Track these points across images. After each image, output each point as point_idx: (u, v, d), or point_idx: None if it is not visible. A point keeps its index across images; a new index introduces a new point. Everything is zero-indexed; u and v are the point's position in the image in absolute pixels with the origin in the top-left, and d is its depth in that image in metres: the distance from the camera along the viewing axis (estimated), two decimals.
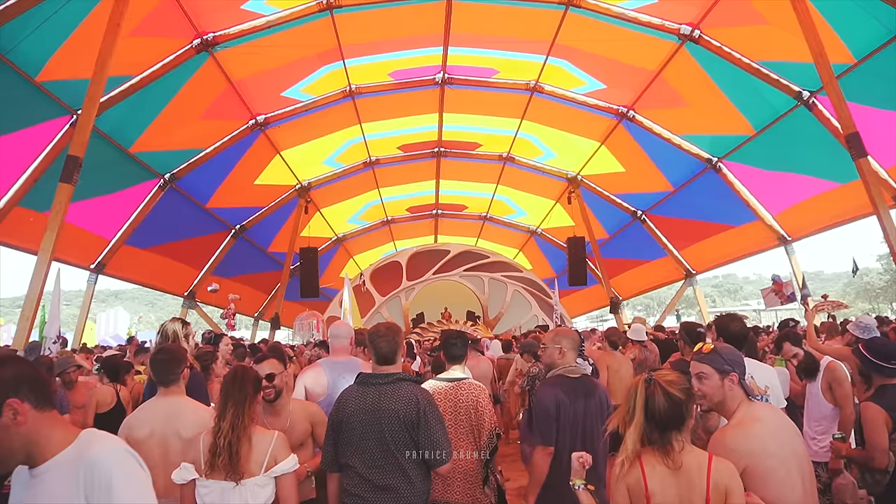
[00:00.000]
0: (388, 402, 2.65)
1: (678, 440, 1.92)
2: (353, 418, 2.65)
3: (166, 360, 2.94)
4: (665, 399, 1.92)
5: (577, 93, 12.38)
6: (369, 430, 2.62)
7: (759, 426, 2.14)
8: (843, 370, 3.85)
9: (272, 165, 13.67)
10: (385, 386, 2.70)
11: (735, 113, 10.91)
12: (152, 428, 2.75)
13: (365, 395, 2.69)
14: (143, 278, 13.98)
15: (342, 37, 10.26)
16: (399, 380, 2.73)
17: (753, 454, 2.06)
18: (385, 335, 2.81)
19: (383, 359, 2.79)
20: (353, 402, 2.69)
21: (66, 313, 40.21)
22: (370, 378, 2.75)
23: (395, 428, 2.61)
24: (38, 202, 8.55)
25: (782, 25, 8.33)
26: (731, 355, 2.29)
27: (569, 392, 3.11)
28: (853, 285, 44.46)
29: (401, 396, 2.67)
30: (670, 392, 1.93)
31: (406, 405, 2.64)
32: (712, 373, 2.23)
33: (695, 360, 2.32)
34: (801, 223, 12.08)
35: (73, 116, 8.80)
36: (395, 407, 2.63)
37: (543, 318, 16.20)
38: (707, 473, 1.87)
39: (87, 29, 7.68)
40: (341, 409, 2.71)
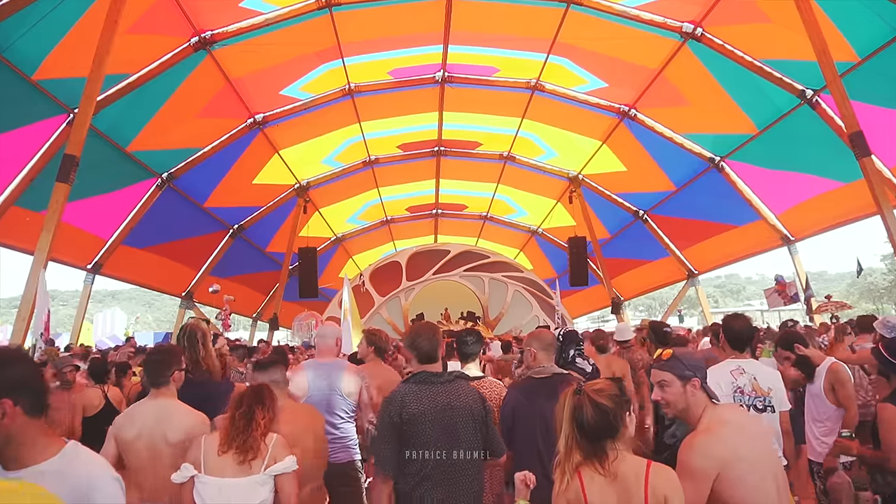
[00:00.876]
0: (458, 400, 2.67)
1: (612, 449, 1.90)
2: (423, 417, 2.61)
3: (157, 361, 2.94)
4: (593, 409, 1.90)
5: (578, 91, 12.38)
6: (440, 428, 2.61)
7: (727, 430, 2.13)
8: (846, 371, 3.85)
9: (270, 164, 13.67)
10: (450, 384, 2.72)
11: (738, 112, 10.90)
12: (140, 430, 2.75)
13: (432, 394, 2.68)
14: (140, 278, 13.98)
15: (341, 35, 10.26)
16: (458, 377, 2.78)
17: (724, 460, 2.05)
18: (426, 334, 2.83)
19: (427, 357, 2.79)
20: (419, 400, 2.65)
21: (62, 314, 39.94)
22: (432, 377, 2.72)
23: (468, 424, 2.64)
24: (34, 202, 8.55)
25: (785, 23, 8.32)
26: (691, 360, 2.29)
27: (529, 393, 3.11)
28: (857, 286, 44.41)
29: (469, 393, 2.72)
30: (598, 402, 1.91)
31: (475, 401, 2.70)
32: (673, 379, 2.22)
33: (655, 368, 2.32)
34: (804, 223, 12.08)
35: (69, 115, 8.80)
36: (467, 404, 2.67)
37: (544, 319, 16.19)
38: (645, 481, 1.85)
39: (83, 27, 7.68)
40: (404, 408, 2.64)
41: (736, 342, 3.36)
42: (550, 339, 3.32)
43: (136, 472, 2.73)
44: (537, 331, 3.58)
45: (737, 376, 3.22)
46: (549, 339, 3.30)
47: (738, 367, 3.25)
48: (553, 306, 14.66)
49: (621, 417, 1.93)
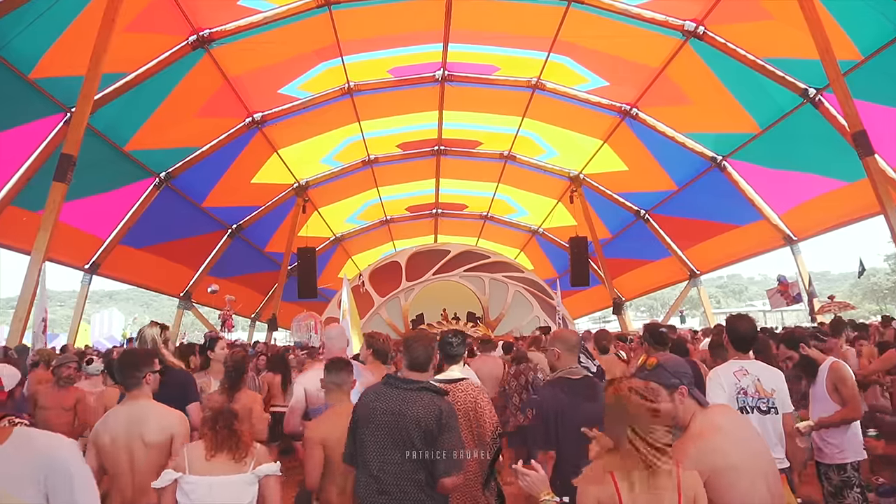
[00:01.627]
0: (411, 408, 2.65)
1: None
2: (376, 417, 2.66)
3: (128, 363, 2.94)
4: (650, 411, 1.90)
5: (579, 90, 12.38)
6: (389, 431, 2.63)
7: (719, 436, 2.12)
8: (847, 369, 3.85)
9: (269, 164, 13.67)
10: (409, 392, 2.70)
11: (740, 111, 10.90)
12: (115, 434, 2.74)
13: (389, 397, 2.70)
14: (138, 279, 13.99)
15: (340, 33, 10.26)
16: (423, 388, 2.74)
17: (715, 466, 2.05)
18: (422, 341, 2.83)
19: (417, 365, 2.79)
20: (377, 400, 2.70)
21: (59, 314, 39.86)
22: (397, 381, 2.75)
23: (413, 434, 2.62)
24: (31, 201, 8.56)
25: (788, 21, 8.32)
26: (676, 367, 2.27)
27: (569, 394, 3.12)
28: (860, 286, 44.37)
29: (424, 404, 2.67)
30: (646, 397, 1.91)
31: (427, 414, 2.65)
32: (659, 389, 2.19)
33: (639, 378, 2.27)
34: (807, 223, 12.08)
35: (66, 114, 8.80)
36: (417, 414, 2.64)
37: (545, 320, 16.18)
38: (678, 481, 1.86)
39: (81, 25, 7.68)
40: (364, 405, 2.72)
41: (740, 343, 3.36)
42: (574, 339, 3.33)
43: (116, 477, 2.74)
44: (560, 331, 3.59)
45: (740, 377, 3.22)
46: (574, 341, 3.31)
47: (741, 368, 3.25)
48: (554, 307, 14.65)
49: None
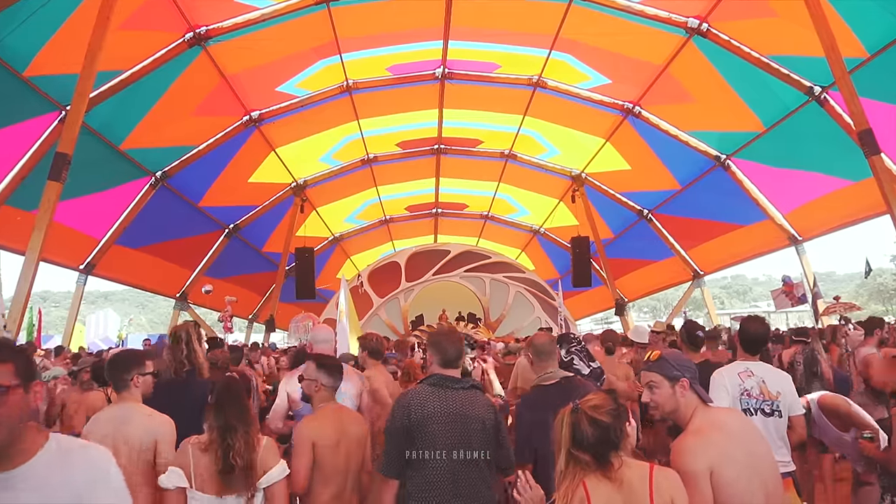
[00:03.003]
0: (472, 408, 2.64)
1: (616, 457, 1.92)
2: (432, 420, 2.59)
3: (117, 366, 2.94)
4: (592, 427, 1.91)
5: (581, 88, 12.37)
6: (454, 434, 2.58)
7: (718, 434, 2.13)
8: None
9: (267, 163, 13.67)
10: (465, 391, 2.68)
11: (744, 109, 10.90)
12: (102, 436, 2.75)
13: (446, 398, 2.64)
14: (133, 279, 13.99)
15: (339, 30, 10.25)
16: (473, 386, 2.74)
17: (712, 464, 2.05)
18: (451, 338, 2.80)
19: (449, 362, 2.76)
20: (430, 403, 2.62)
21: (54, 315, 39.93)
22: (447, 381, 2.69)
23: (480, 434, 2.62)
24: (25, 201, 8.55)
25: (793, 19, 8.32)
26: (680, 360, 2.30)
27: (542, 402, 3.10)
28: (866, 286, 44.39)
29: (482, 403, 2.68)
30: (596, 418, 1.92)
31: (488, 412, 2.66)
32: (662, 381, 2.23)
33: (643, 370, 2.33)
34: (812, 222, 12.08)
35: (61, 112, 8.80)
36: (480, 413, 2.64)
37: (546, 321, 16.18)
38: (650, 484, 1.88)
39: (75, 22, 7.68)
40: (417, 409, 2.62)
41: (750, 345, 3.35)
42: (544, 341, 3.31)
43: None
44: (533, 336, 3.58)
45: (744, 378, 3.22)
46: (544, 342, 3.29)
47: (746, 370, 3.25)
48: (555, 308, 14.64)
49: (621, 430, 1.94)
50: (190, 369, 3.62)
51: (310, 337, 4.13)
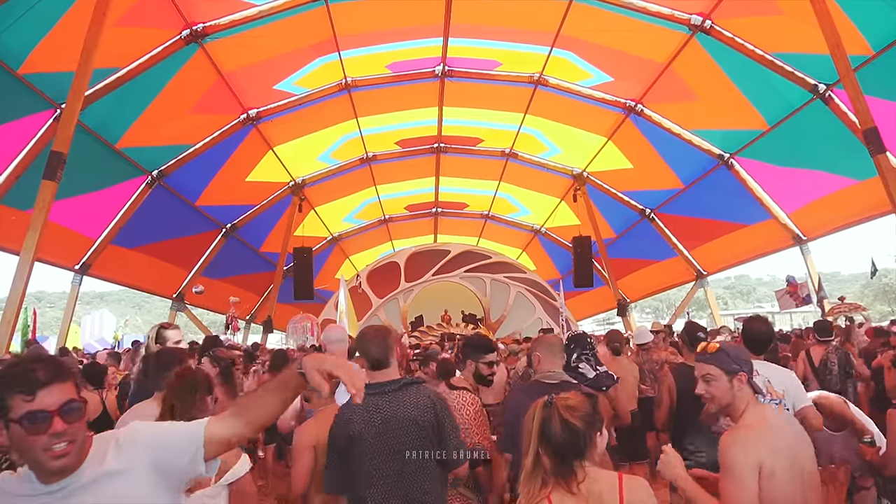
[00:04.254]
0: (402, 410, 2.54)
1: (580, 468, 1.83)
2: (365, 434, 2.51)
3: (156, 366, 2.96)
4: (562, 427, 1.83)
5: (582, 86, 12.37)
6: (385, 444, 2.50)
7: (770, 431, 2.13)
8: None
9: (264, 161, 13.67)
10: (393, 393, 2.59)
11: (748, 107, 10.90)
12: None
13: (374, 407, 2.55)
14: (129, 279, 13.98)
15: (337, 27, 10.25)
16: (405, 385, 2.63)
17: (763, 459, 2.05)
18: (374, 337, 2.71)
19: (375, 363, 2.66)
20: (361, 415, 2.54)
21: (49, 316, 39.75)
22: (372, 387, 2.59)
23: (414, 437, 2.51)
24: (20, 200, 8.55)
25: (797, 16, 8.32)
26: (739, 353, 2.29)
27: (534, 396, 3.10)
28: (871, 287, 44.40)
29: (414, 402, 2.56)
30: (567, 420, 1.84)
31: (423, 411, 2.55)
32: (720, 374, 2.21)
33: (700, 362, 2.30)
34: (816, 222, 12.08)
35: (56, 111, 8.79)
36: (411, 414, 2.53)
37: (548, 322, 16.19)
38: (620, 496, 1.81)
39: (71, 19, 7.68)
40: (347, 425, 2.55)
41: (755, 345, 3.37)
42: (556, 342, 3.32)
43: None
44: (543, 335, 3.59)
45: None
46: (555, 343, 3.30)
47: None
48: (557, 308, 14.65)
49: (591, 438, 1.87)
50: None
51: (323, 337, 4.10)
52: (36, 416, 1.43)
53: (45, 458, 1.44)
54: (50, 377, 1.46)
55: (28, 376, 1.45)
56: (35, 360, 1.50)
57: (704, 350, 2.31)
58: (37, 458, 1.45)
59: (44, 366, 1.48)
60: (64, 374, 1.50)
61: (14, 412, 1.43)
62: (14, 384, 1.44)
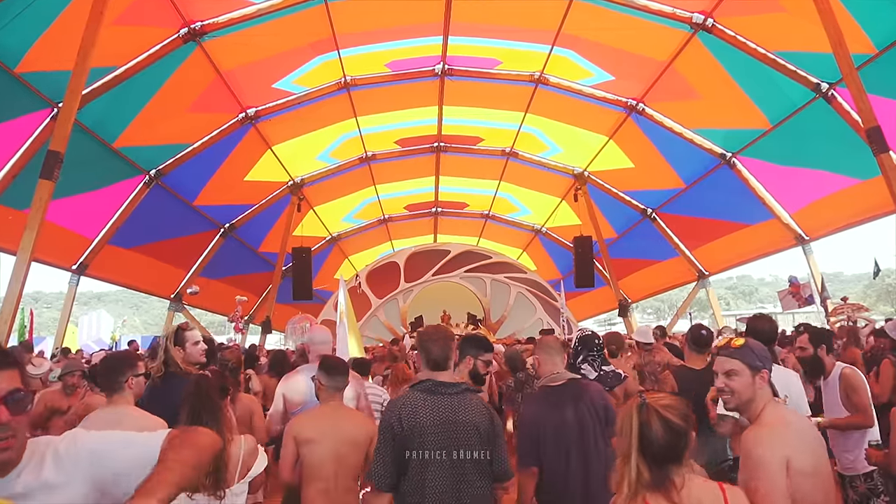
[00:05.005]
0: (464, 414, 2.58)
1: (678, 475, 1.73)
2: (424, 429, 2.55)
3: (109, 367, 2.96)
4: (664, 428, 1.72)
5: (583, 84, 12.37)
6: (445, 444, 2.54)
7: (790, 431, 2.12)
8: (859, 377, 3.84)
9: (263, 161, 13.67)
10: (457, 396, 2.62)
11: (750, 106, 10.90)
12: None
13: (436, 406, 2.58)
14: (127, 280, 13.98)
15: (337, 25, 10.26)
16: (467, 390, 2.69)
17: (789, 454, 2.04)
18: (437, 339, 2.74)
19: (435, 364, 2.69)
20: (421, 411, 2.57)
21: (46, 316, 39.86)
22: (440, 387, 2.63)
23: (473, 441, 2.56)
24: (16, 199, 8.55)
25: (800, 14, 8.33)
26: (762, 351, 2.28)
27: (549, 403, 3.10)
28: (874, 287, 44.44)
29: (476, 408, 2.62)
30: (669, 420, 1.73)
31: (482, 417, 2.60)
32: (743, 369, 2.19)
33: (724, 356, 2.26)
34: (819, 222, 12.08)
35: (53, 109, 8.80)
36: (473, 419, 2.58)
37: (548, 322, 16.21)
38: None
39: (68, 18, 7.67)
40: (410, 417, 2.57)
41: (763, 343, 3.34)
42: (552, 342, 3.33)
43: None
44: (541, 338, 3.60)
45: None
46: (552, 343, 3.31)
47: None
48: (558, 309, 14.66)
49: (690, 440, 1.76)
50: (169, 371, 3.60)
51: (307, 338, 4.13)
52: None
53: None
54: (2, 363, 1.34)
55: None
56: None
57: (728, 345, 2.28)
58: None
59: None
60: (10, 362, 1.37)
61: None
62: None
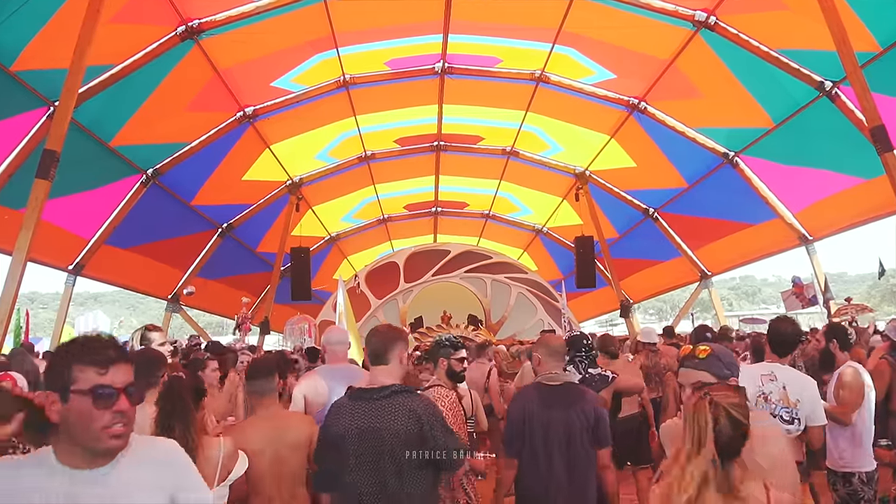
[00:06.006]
0: (385, 421, 2.51)
1: (737, 467, 1.77)
2: (343, 440, 2.53)
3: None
4: (731, 424, 1.74)
5: (585, 83, 12.37)
6: (367, 451, 2.50)
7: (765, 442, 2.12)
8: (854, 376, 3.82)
9: (261, 160, 13.67)
10: (380, 401, 2.56)
11: (753, 104, 10.90)
12: None
13: (356, 412, 2.54)
14: (124, 280, 13.97)
15: (336, 23, 10.26)
16: (394, 393, 2.59)
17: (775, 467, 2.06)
18: (380, 331, 2.77)
19: (374, 357, 2.67)
20: (346, 418, 2.57)
21: (42, 317, 39.86)
22: (362, 392, 2.61)
23: (396, 447, 2.49)
24: (12, 199, 8.55)
25: (803, 11, 8.32)
26: (730, 358, 2.24)
27: (542, 400, 3.11)
28: (878, 288, 44.39)
29: (401, 413, 2.52)
30: (736, 417, 1.75)
31: (406, 422, 2.51)
32: (712, 381, 2.14)
33: (689, 368, 2.20)
34: (823, 221, 12.08)
35: (49, 108, 8.78)
36: (394, 427, 2.50)
37: (549, 323, 16.18)
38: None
39: (64, 16, 7.67)
40: (334, 423, 2.59)
41: (781, 346, 3.29)
42: (557, 345, 3.33)
43: None
44: (545, 336, 3.61)
45: (765, 381, 3.14)
46: (556, 346, 3.31)
47: (769, 373, 3.16)
48: (559, 309, 14.67)
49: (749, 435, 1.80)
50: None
51: (323, 339, 4.13)
52: (105, 390, 1.46)
53: (103, 435, 1.47)
54: (120, 356, 1.52)
55: (103, 351, 1.50)
56: (107, 340, 1.57)
57: (693, 355, 2.21)
58: (93, 435, 1.47)
59: (114, 344, 1.54)
60: (129, 357, 1.56)
61: (81, 383, 1.45)
62: (87, 356, 1.48)
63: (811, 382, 3.24)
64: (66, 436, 1.49)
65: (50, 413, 1.48)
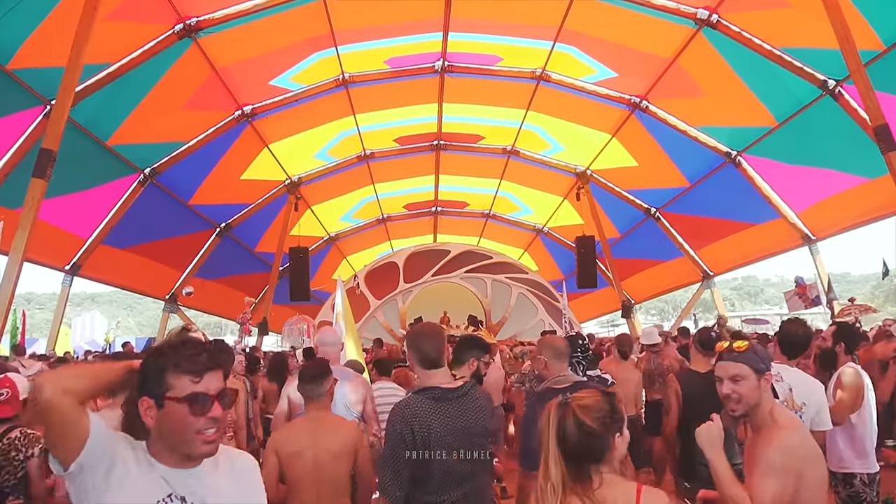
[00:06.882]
0: (474, 418, 2.56)
1: (596, 473, 1.76)
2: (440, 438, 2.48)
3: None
4: (576, 428, 1.75)
5: (586, 81, 12.38)
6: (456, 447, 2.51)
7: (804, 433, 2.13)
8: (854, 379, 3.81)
9: (260, 159, 13.68)
10: (462, 399, 2.58)
11: (756, 103, 10.91)
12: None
13: (447, 413, 2.53)
14: (121, 280, 13.98)
15: (335, 21, 10.26)
16: (471, 388, 2.67)
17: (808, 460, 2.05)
18: (429, 335, 2.68)
19: (430, 363, 2.62)
20: (436, 420, 2.51)
21: (39, 318, 39.70)
22: (447, 393, 2.58)
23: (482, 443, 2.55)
24: (9, 198, 8.55)
25: (806, 10, 8.33)
26: (765, 353, 2.28)
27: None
28: (882, 288, 44.36)
29: (481, 407, 2.61)
30: (582, 420, 1.75)
31: (488, 416, 2.63)
32: (750, 373, 2.17)
33: (727, 361, 2.22)
34: (826, 221, 12.08)
35: (46, 107, 8.80)
36: (483, 422, 2.57)
37: (550, 323, 16.17)
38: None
39: (61, 13, 7.68)
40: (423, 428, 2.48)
41: (791, 348, 3.28)
42: (562, 346, 3.31)
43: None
44: (548, 337, 3.59)
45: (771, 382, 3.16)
46: (562, 347, 3.29)
47: (776, 374, 3.15)
48: (560, 310, 14.64)
49: (608, 441, 1.78)
50: None
51: (316, 339, 4.12)
52: (200, 397, 1.51)
53: (197, 440, 1.52)
54: (213, 363, 1.56)
55: (197, 359, 1.53)
56: (198, 344, 1.58)
57: (731, 349, 2.25)
58: (188, 441, 1.52)
59: (207, 351, 1.57)
60: (221, 363, 1.59)
61: (177, 391, 1.50)
62: (182, 363, 1.52)
63: (819, 386, 3.22)
64: (158, 437, 1.55)
65: (146, 418, 1.52)
